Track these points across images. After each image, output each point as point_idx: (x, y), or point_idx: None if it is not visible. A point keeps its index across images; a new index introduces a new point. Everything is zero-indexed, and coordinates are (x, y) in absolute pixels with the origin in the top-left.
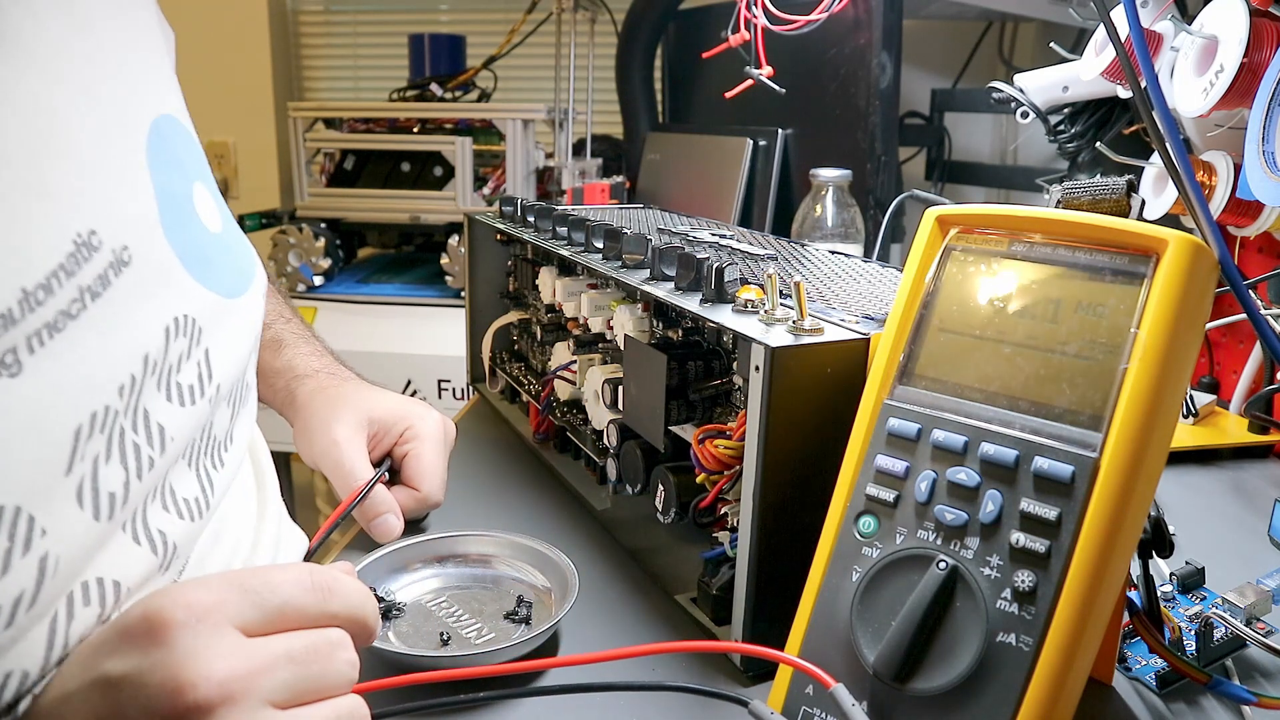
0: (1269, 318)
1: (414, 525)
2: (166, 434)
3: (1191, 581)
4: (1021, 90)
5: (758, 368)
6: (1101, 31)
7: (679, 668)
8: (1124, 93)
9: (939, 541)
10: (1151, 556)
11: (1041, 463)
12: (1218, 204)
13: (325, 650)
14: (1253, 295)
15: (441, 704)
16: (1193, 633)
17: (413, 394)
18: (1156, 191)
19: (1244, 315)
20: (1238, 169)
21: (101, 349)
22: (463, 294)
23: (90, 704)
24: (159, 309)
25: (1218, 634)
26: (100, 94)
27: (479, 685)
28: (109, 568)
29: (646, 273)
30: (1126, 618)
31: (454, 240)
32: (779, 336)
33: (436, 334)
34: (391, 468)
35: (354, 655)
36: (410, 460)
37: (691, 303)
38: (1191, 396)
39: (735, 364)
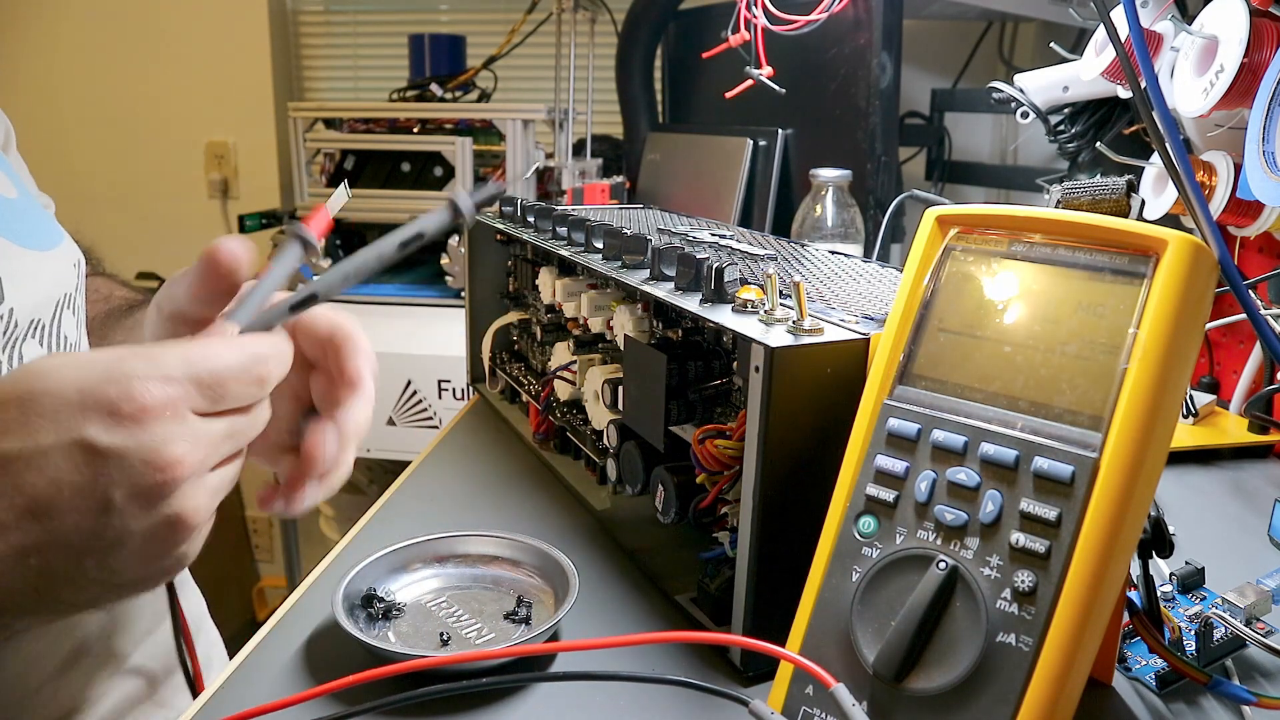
0: (1269, 318)
1: (413, 525)
2: None
3: (1191, 581)
4: (1021, 90)
5: (758, 368)
6: (1101, 31)
7: (679, 667)
8: (1124, 93)
9: (939, 541)
10: (1151, 556)
11: (1041, 463)
12: (1218, 204)
13: (254, 425)
14: (1253, 295)
15: (443, 690)
16: (1193, 633)
17: (412, 394)
18: (1156, 191)
19: (1244, 315)
20: (1238, 169)
21: None
22: (463, 294)
23: (72, 462)
24: None
25: (1218, 634)
26: None
27: (480, 675)
28: None
29: (646, 273)
30: (1126, 618)
31: (454, 240)
32: (779, 336)
33: (436, 334)
34: None
35: (268, 408)
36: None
37: (691, 303)
38: (1191, 396)
39: (735, 364)
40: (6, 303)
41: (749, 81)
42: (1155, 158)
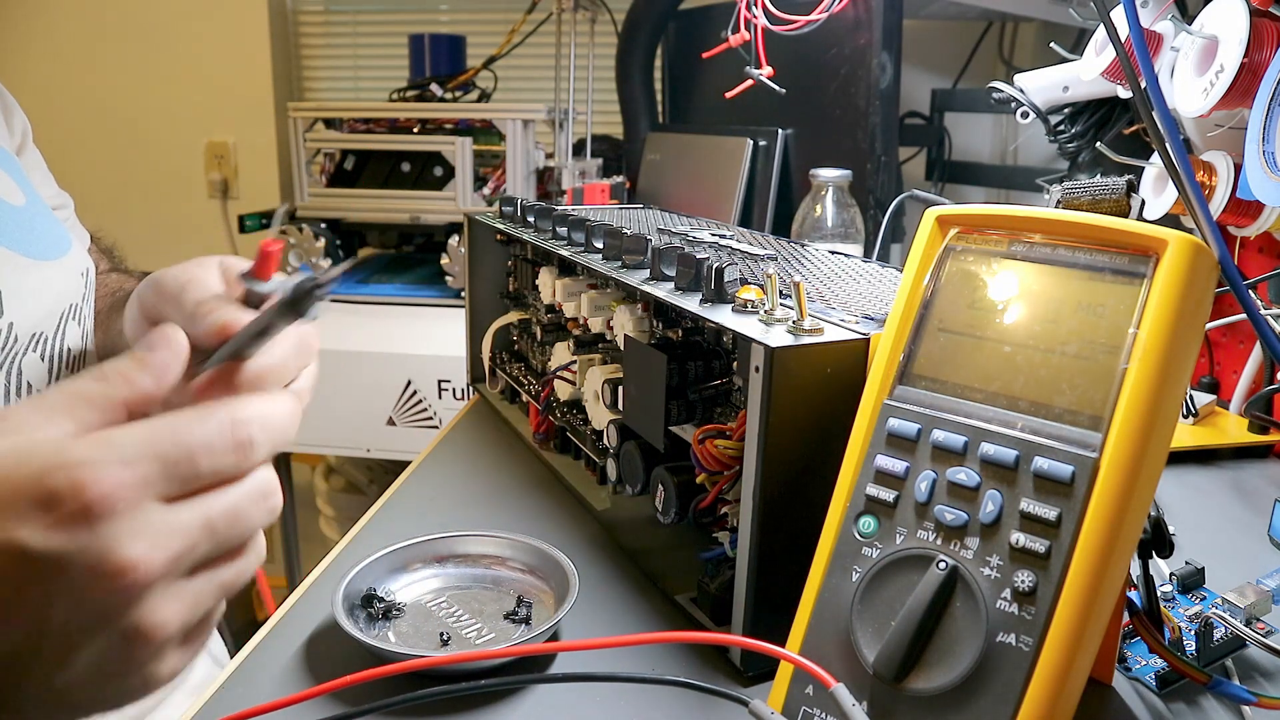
0: (1269, 318)
1: (413, 525)
2: None
3: (1191, 581)
4: (1021, 90)
5: (758, 368)
6: (1101, 31)
7: (680, 667)
8: (1124, 93)
9: (939, 541)
10: (1151, 556)
11: (1041, 463)
12: (1218, 204)
13: (246, 511)
14: (1253, 295)
15: (443, 691)
16: (1193, 633)
17: (412, 394)
18: (1156, 191)
19: (1244, 315)
20: (1238, 169)
21: None
22: (463, 294)
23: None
24: None
25: (1217, 634)
26: None
27: (480, 676)
28: None
29: (646, 273)
30: (1126, 618)
31: (454, 240)
32: (779, 336)
33: (436, 334)
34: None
35: (277, 498)
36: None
37: (691, 303)
38: (1191, 396)
39: (735, 364)
40: (6, 316)
41: (749, 81)
42: (1155, 158)
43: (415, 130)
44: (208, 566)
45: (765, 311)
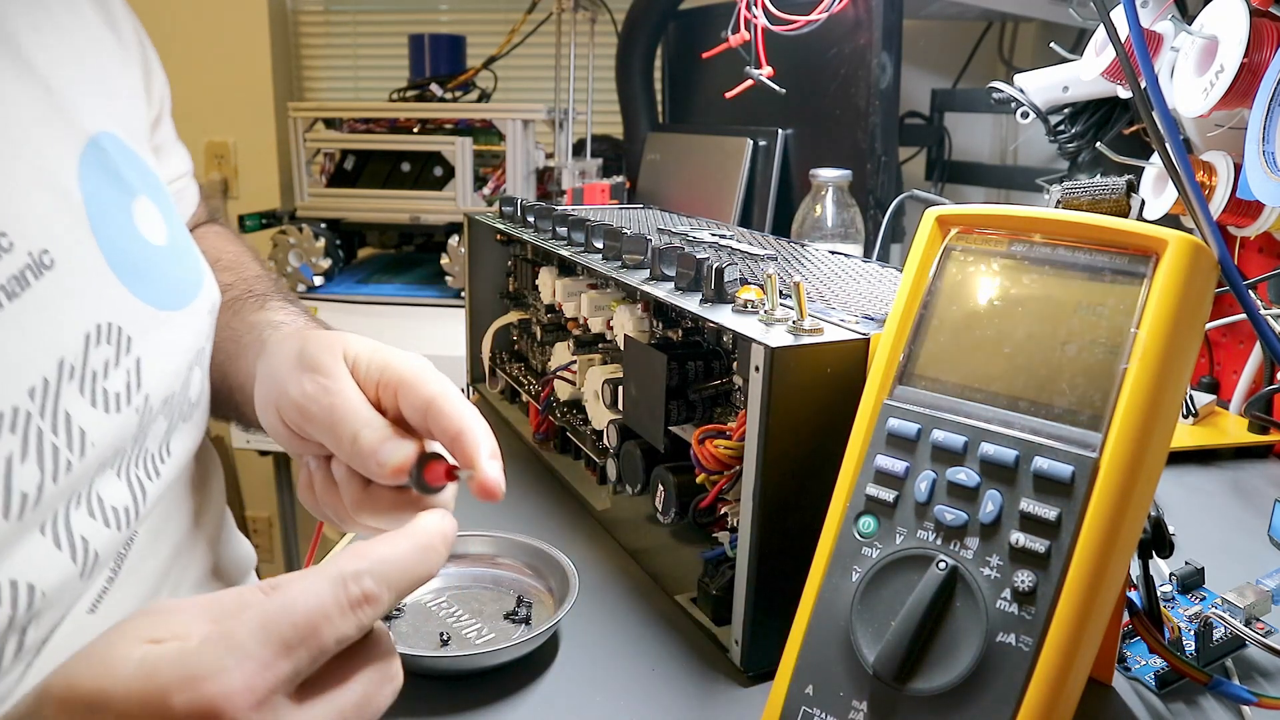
0: (1269, 318)
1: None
2: (88, 439)
3: (1191, 581)
4: (1021, 90)
5: (758, 368)
6: (1101, 31)
7: (680, 665)
8: (1124, 93)
9: (939, 542)
10: (1151, 556)
11: (1041, 463)
12: (1218, 204)
13: (373, 698)
14: (1253, 295)
15: (442, 691)
16: (1192, 633)
17: None
18: (1156, 191)
19: (1244, 315)
20: (1238, 169)
21: (14, 349)
22: (463, 294)
23: None
24: (81, 314)
25: (1217, 634)
26: (20, 115)
27: (478, 683)
28: (23, 570)
29: (646, 273)
30: (1126, 618)
31: (454, 240)
32: (779, 337)
33: (436, 334)
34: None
35: (399, 680)
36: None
37: (691, 303)
38: (1191, 396)
39: (735, 364)
40: (143, 389)
41: (749, 81)
42: (1155, 158)
43: (415, 130)
44: None
45: (765, 311)
